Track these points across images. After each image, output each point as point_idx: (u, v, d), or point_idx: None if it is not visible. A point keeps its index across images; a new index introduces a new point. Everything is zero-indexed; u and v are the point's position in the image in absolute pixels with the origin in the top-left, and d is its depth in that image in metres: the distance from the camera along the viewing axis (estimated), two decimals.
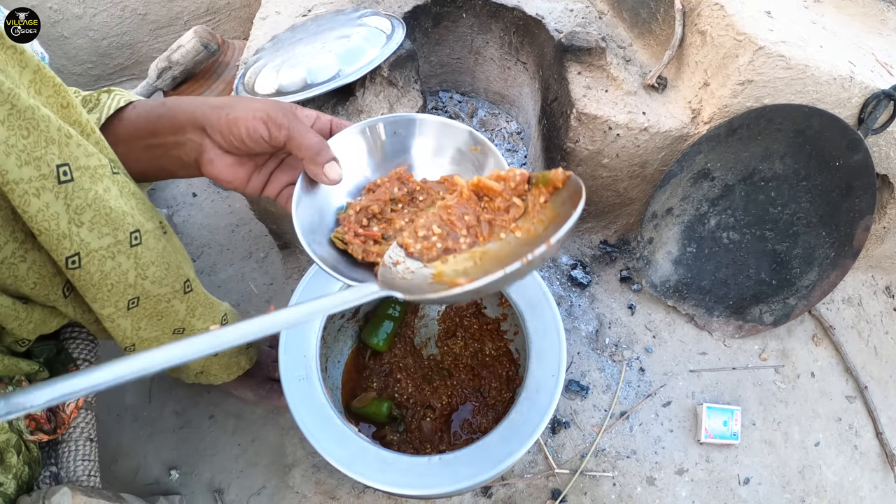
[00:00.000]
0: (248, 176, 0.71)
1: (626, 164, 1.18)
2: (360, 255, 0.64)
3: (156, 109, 0.71)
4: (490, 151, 0.68)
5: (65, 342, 0.92)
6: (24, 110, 0.54)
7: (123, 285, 0.69)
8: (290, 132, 0.64)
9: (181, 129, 0.69)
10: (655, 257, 1.25)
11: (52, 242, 0.60)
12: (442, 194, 0.68)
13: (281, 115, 0.65)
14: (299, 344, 0.90)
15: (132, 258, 0.69)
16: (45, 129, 0.56)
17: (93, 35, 1.58)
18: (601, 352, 1.26)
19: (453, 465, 0.82)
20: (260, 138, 0.65)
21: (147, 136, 0.71)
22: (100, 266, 0.65)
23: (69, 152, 0.59)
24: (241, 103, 0.67)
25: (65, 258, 0.62)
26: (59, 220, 0.59)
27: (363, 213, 0.67)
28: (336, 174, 0.64)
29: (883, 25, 1.27)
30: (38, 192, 0.57)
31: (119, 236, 0.66)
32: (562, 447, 1.15)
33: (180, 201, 1.45)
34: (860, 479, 1.23)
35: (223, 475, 1.10)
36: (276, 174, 0.73)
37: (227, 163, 0.69)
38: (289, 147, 0.65)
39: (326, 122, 0.71)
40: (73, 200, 0.60)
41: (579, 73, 1.17)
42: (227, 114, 0.66)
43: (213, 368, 0.97)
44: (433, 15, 1.33)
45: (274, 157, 0.73)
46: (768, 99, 1.06)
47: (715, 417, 1.18)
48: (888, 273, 1.48)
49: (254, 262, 1.35)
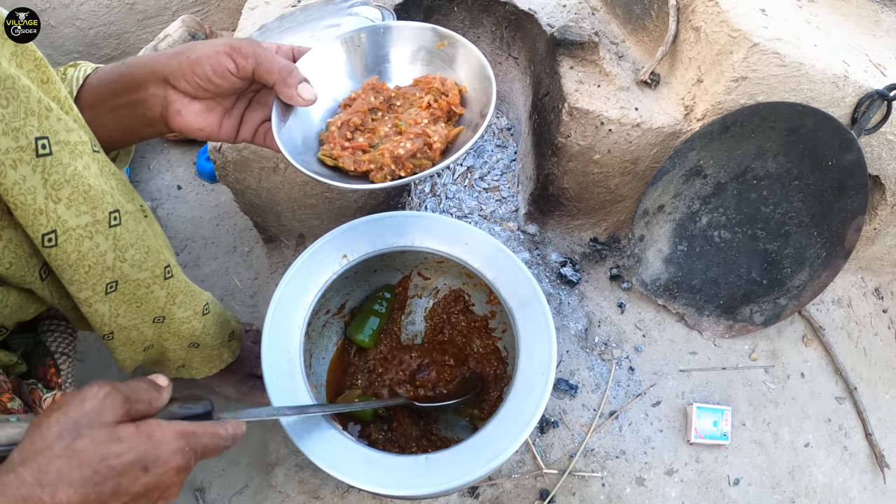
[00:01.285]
0: (219, 121, 0.70)
1: (618, 161, 1.17)
2: (351, 166, 0.68)
3: (115, 70, 0.70)
4: (457, 41, 0.73)
5: (42, 335, 0.89)
6: (3, 79, 0.53)
7: (101, 267, 0.67)
8: (256, 59, 0.64)
9: (142, 85, 0.67)
10: (646, 255, 1.24)
11: (28, 218, 0.58)
12: (418, 95, 0.73)
13: (245, 44, 0.65)
14: (283, 339, 0.88)
15: (111, 239, 0.67)
16: (25, 100, 0.55)
17: (80, 24, 1.55)
18: (590, 350, 1.25)
19: (440, 464, 0.80)
20: (226, 72, 0.64)
21: (110, 98, 0.69)
22: (77, 245, 0.63)
23: (49, 125, 0.57)
24: (200, 45, 0.67)
25: (41, 235, 0.60)
26: (35, 194, 0.58)
27: (346, 127, 0.70)
28: (310, 94, 0.66)
29: (876, 27, 1.27)
30: (15, 163, 0.55)
31: (98, 215, 0.64)
32: (550, 447, 1.14)
33: (164, 194, 1.42)
34: (850, 480, 1.22)
35: (205, 474, 1.08)
36: (248, 114, 0.72)
37: (195, 110, 0.68)
38: (257, 74, 0.65)
39: (288, 50, 0.71)
40: (50, 175, 0.58)
41: (571, 68, 1.15)
42: (187, 57, 0.65)
43: (194, 361, 0.95)
44: (424, 8, 1.32)
45: (242, 98, 0.72)
46: (762, 96, 1.05)
47: (705, 418, 1.17)
48: (878, 275, 1.48)
49: (238, 256, 1.33)
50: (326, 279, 0.92)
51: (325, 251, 0.94)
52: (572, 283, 1.30)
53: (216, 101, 0.70)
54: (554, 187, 1.25)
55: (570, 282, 1.30)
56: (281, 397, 0.83)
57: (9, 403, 0.76)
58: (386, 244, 0.96)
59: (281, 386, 0.84)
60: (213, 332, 0.92)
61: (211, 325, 0.91)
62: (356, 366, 1.09)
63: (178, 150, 1.52)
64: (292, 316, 0.90)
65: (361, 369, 1.08)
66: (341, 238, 0.95)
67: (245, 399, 1.09)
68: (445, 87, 0.73)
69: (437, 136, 0.68)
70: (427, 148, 0.68)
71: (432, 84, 0.73)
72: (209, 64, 0.64)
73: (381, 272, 1.10)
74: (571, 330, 1.26)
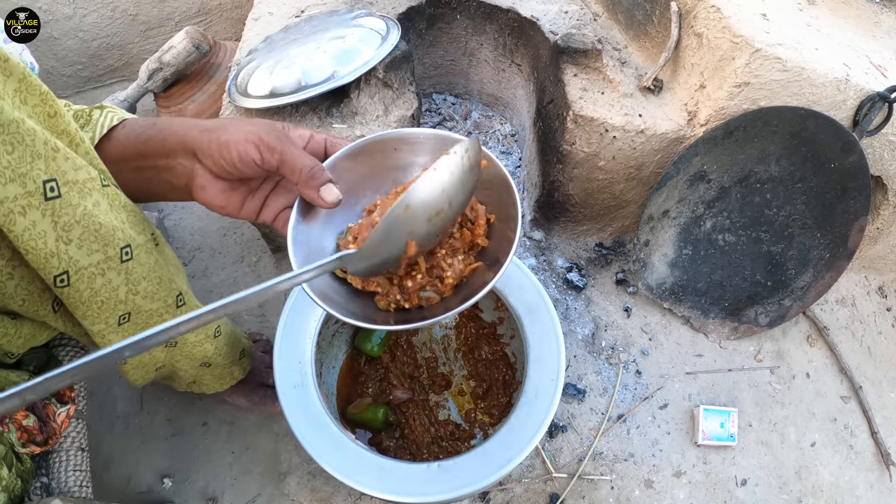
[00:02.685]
0: (241, 201, 0.69)
1: (623, 167, 1.18)
2: (359, 284, 0.63)
3: (146, 131, 0.69)
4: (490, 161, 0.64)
5: (54, 349, 0.90)
6: (7, 124, 0.52)
7: (114, 301, 0.67)
8: (282, 156, 0.62)
9: (171, 153, 0.66)
10: (651, 260, 1.25)
11: (39, 261, 0.58)
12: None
13: (273, 137, 0.62)
14: (294, 349, 0.89)
15: (123, 274, 0.66)
16: (31, 144, 0.54)
17: (83, 36, 1.56)
18: (597, 355, 1.25)
19: (452, 471, 0.81)
20: (252, 162, 0.63)
21: (136, 159, 0.69)
22: (89, 283, 0.63)
23: (56, 167, 0.56)
24: (233, 126, 0.65)
25: (53, 277, 0.59)
26: (46, 238, 0.57)
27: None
28: (333, 196, 0.62)
29: (877, 28, 1.28)
30: (24, 210, 0.54)
31: (109, 252, 0.63)
32: (559, 451, 1.15)
33: (171, 205, 1.43)
34: (856, 479, 1.23)
35: (217, 483, 1.09)
36: (272, 198, 0.70)
37: (219, 188, 0.67)
38: (282, 171, 0.63)
39: (321, 142, 0.68)
40: (60, 217, 0.57)
41: (575, 76, 1.16)
42: (217, 137, 0.64)
43: (205, 378, 0.96)
44: (427, 16, 1.32)
45: (268, 181, 0.70)
46: (764, 101, 1.06)
47: (712, 419, 1.18)
48: (881, 273, 1.49)
49: (246, 266, 1.34)
50: None
51: None
52: (578, 288, 1.31)
53: (241, 181, 0.68)
54: (559, 194, 1.26)
55: (577, 287, 1.31)
56: (293, 407, 0.84)
57: (24, 420, 0.77)
58: None
59: (294, 397, 0.85)
60: (225, 352, 0.93)
61: (222, 346, 0.91)
62: (366, 374, 1.10)
63: None
64: (303, 326, 0.91)
65: (372, 378, 1.09)
66: None
67: (257, 408, 1.10)
68: (475, 214, 0.65)
69: (451, 272, 0.62)
70: (438, 281, 0.62)
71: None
72: (236, 150, 0.63)
73: None
74: (578, 335, 1.27)
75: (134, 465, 1.10)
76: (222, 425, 1.14)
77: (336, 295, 0.62)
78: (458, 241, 0.63)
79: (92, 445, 0.95)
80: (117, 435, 1.13)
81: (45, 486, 0.84)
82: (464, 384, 1.12)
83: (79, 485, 0.87)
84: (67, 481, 0.86)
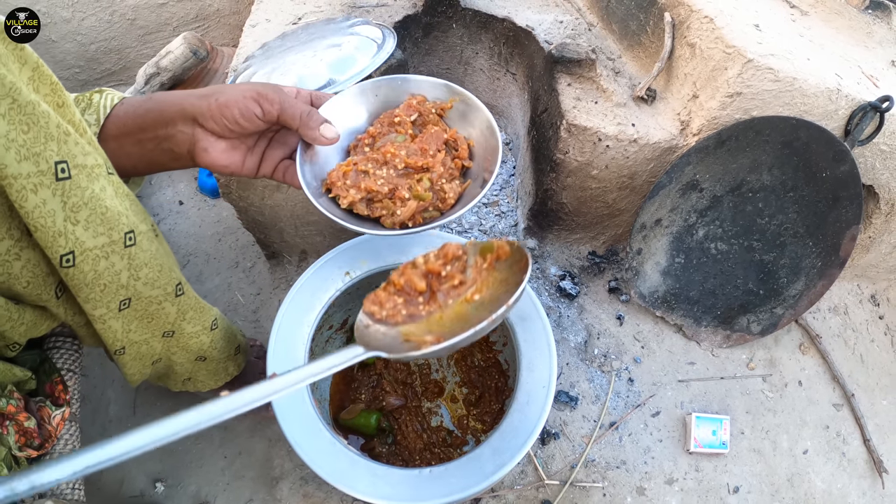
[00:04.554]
0: (242, 158, 0.74)
1: (616, 176, 1.19)
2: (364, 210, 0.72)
3: (144, 104, 0.72)
4: (467, 99, 0.78)
5: (49, 352, 0.90)
6: (24, 105, 0.54)
7: (116, 286, 0.69)
8: (281, 105, 0.69)
9: (171, 122, 0.70)
10: (644, 268, 1.26)
11: (47, 240, 0.60)
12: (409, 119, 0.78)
13: (270, 90, 0.69)
14: (287, 355, 0.90)
15: (126, 259, 0.69)
16: (45, 126, 0.56)
17: (81, 39, 1.57)
18: (590, 362, 1.26)
19: (444, 477, 0.81)
20: (253, 116, 0.68)
21: (137, 132, 0.72)
22: (93, 265, 0.65)
23: (67, 150, 0.59)
24: (228, 89, 0.70)
25: (59, 256, 0.62)
26: (55, 217, 0.59)
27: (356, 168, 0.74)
28: (332, 133, 0.70)
29: (869, 38, 1.29)
30: (36, 188, 0.57)
31: (114, 236, 0.66)
32: (551, 458, 1.15)
33: (167, 209, 1.44)
34: (848, 486, 1.24)
35: (209, 488, 1.09)
36: (269, 152, 0.76)
37: (221, 148, 0.72)
38: (282, 119, 0.70)
39: (307, 95, 0.76)
40: (69, 198, 0.60)
41: (569, 85, 1.17)
42: (216, 100, 0.69)
43: (200, 375, 0.97)
44: (423, 25, 1.33)
45: (263, 137, 0.76)
46: (756, 111, 1.07)
47: (704, 427, 1.18)
48: (874, 282, 1.50)
49: (240, 272, 1.34)
50: (330, 296, 0.94)
51: (328, 268, 0.95)
52: (571, 296, 1.31)
53: (241, 139, 0.73)
54: (553, 202, 1.27)
55: (570, 295, 1.31)
56: (286, 412, 0.84)
57: (25, 423, 0.77)
58: (388, 260, 0.97)
59: (286, 400, 0.85)
60: (220, 346, 0.94)
61: (218, 340, 0.93)
62: (359, 380, 1.10)
63: None
64: (297, 332, 0.91)
65: (365, 384, 1.09)
66: (344, 255, 0.97)
67: (249, 414, 1.10)
68: (457, 143, 0.77)
69: (451, 193, 0.74)
70: (440, 202, 0.73)
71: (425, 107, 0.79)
72: (237, 108, 0.68)
73: None
74: (571, 342, 1.27)
75: (126, 469, 1.10)
76: (215, 430, 1.14)
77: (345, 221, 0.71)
78: (454, 169, 0.76)
79: None
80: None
81: None
82: (456, 391, 1.13)
83: (71, 488, 0.87)
84: (60, 484, 0.86)
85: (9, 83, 0.53)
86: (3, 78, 0.53)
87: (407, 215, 0.71)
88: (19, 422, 0.71)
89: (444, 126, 0.79)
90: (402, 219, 0.71)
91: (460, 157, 0.77)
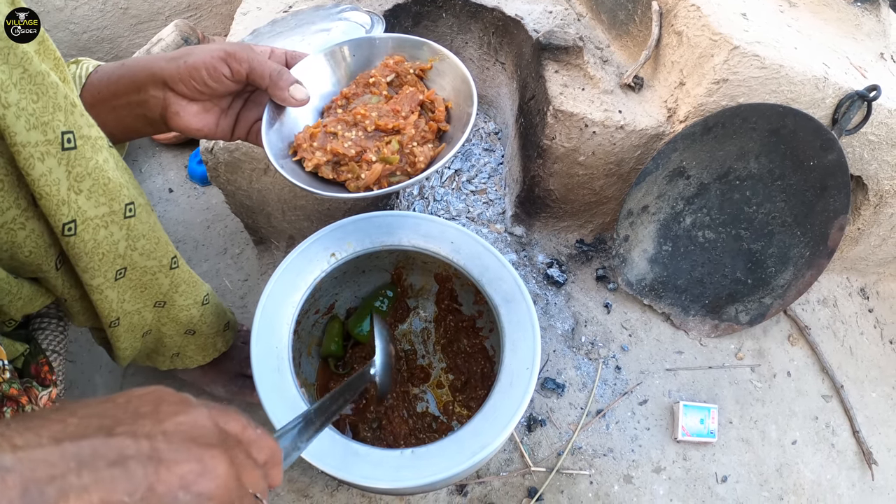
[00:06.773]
0: (215, 120, 0.74)
1: (602, 162, 1.19)
2: (330, 174, 0.72)
3: (116, 71, 0.73)
4: (447, 57, 0.76)
5: (34, 333, 0.90)
6: (35, 75, 0.55)
7: (113, 255, 0.70)
8: (250, 63, 0.68)
9: (142, 87, 0.70)
10: (631, 255, 1.26)
11: (51, 207, 0.61)
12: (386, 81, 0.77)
13: (238, 48, 0.68)
14: (272, 335, 0.89)
15: (125, 229, 0.69)
16: (53, 96, 0.57)
17: (73, 28, 1.57)
18: (577, 350, 1.26)
19: (426, 458, 0.81)
20: (221, 76, 0.68)
21: (111, 99, 0.72)
22: (93, 234, 0.66)
23: (73, 120, 0.60)
24: (197, 49, 0.70)
25: (62, 224, 0.63)
26: (59, 185, 0.60)
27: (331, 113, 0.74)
28: (302, 94, 0.69)
29: (857, 30, 1.29)
30: (43, 156, 0.58)
31: (114, 207, 0.67)
32: (538, 445, 1.15)
33: (156, 197, 1.44)
34: (837, 477, 1.23)
35: None
36: (243, 113, 0.76)
37: (193, 111, 0.72)
38: (251, 78, 0.69)
39: (281, 54, 0.75)
40: (74, 168, 0.61)
41: (556, 72, 1.17)
42: (184, 62, 0.68)
43: (189, 349, 0.97)
44: (413, 14, 1.34)
45: (238, 98, 0.76)
46: (743, 98, 1.07)
47: (692, 415, 1.18)
48: (863, 275, 1.50)
49: (229, 258, 1.34)
50: (315, 277, 0.93)
51: (314, 249, 0.95)
52: (559, 283, 1.31)
53: (213, 102, 0.73)
54: (540, 189, 1.27)
55: (557, 283, 1.31)
56: (269, 392, 0.84)
57: (27, 406, 0.77)
58: (374, 243, 0.97)
59: (270, 381, 0.85)
60: (210, 321, 0.95)
61: (209, 315, 0.94)
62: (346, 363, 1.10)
63: (169, 153, 1.54)
64: (281, 312, 0.91)
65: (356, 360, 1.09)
66: (330, 237, 0.96)
67: (235, 398, 1.10)
68: (434, 104, 0.76)
69: (423, 157, 0.72)
70: (409, 166, 0.72)
71: (402, 68, 0.77)
72: (205, 68, 0.68)
73: (370, 273, 1.11)
74: (558, 330, 1.27)
75: None
76: None
77: (309, 185, 0.71)
78: (428, 132, 0.73)
79: None
80: None
81: None
82: (442, 377, 1.12)
83: None
84: None
85: (21, 52, 0.54)
86: (15, 48, 0.53)
87: (371, 179, 0.70)
88: (22, 405, 0.71)
89: (423, 87, 0.77)
90: (367, 182, 0.70)
91: (436, 120, 0.75)
